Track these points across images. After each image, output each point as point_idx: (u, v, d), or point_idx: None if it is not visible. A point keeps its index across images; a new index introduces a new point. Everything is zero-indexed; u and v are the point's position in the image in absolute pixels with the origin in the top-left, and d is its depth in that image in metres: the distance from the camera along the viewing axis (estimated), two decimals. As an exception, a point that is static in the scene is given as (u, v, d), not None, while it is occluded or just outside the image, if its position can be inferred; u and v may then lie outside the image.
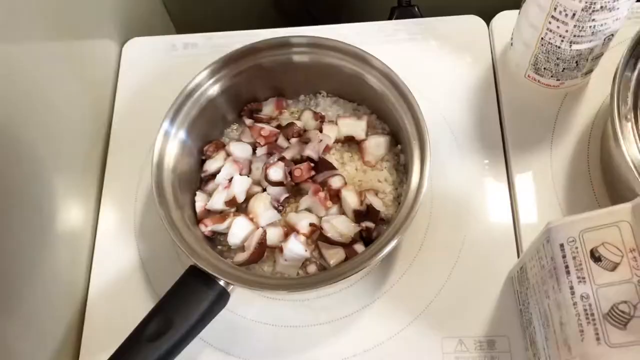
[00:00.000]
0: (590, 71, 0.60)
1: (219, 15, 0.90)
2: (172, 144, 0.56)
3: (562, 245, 0.42)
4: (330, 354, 0.55)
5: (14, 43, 0.52)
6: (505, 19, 0.68)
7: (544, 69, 0.59)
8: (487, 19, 0.70)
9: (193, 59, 0.70)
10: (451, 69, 0.67)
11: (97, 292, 0.60)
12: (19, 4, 0.53)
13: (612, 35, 0.54)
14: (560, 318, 0.42)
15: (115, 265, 0.61)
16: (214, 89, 0.59)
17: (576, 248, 0.41)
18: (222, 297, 0.51)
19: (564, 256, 0.41)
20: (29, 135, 0.54)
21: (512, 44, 0.63)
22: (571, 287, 0.40)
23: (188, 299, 0.50)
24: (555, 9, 0.52)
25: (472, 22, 0.70)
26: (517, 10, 0.60)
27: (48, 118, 0.57)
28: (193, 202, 0.59)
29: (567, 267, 0.41)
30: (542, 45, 0.56)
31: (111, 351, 0.48)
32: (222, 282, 0.50)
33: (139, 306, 0.54)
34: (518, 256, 0.58)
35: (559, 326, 0.42)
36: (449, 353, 0.54)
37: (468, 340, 0.54)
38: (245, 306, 0.58)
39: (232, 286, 0.51)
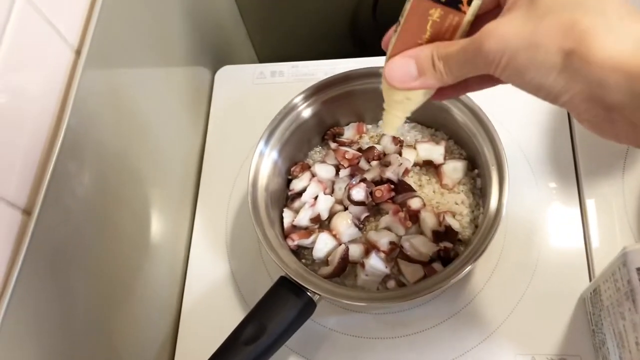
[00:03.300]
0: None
1: (298, 46, 0.96)
2: (265, 164, 0.61)
3: (638, 269, 0.44)
4: (406, 366, 0.59)
5: (127, 68, 0.59)
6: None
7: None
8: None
9: (279, 86, 0.75)
10: (525, 96, 0.70)
11: (190, 303, 0.66)
12: (132, 36, 0.59)
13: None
14: (637, 339, 0.44)
15: (207, 278, 0.66)
16: (305, 114, 0.64)
17: (653, 272, 0.43)
18: (310, 307, 0.55)
19: (640, 279, 0.44)
20: (138, 154, 0.60)
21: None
22: (648, 309, 0.43)
23: (279, 308, 0.54)
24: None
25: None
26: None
27: (150, 138, 0.63)
28: (280, 218, 0.63)
29: (644, 289, 0.43)
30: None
31: (204, 356, 0.52)
32: (309, 293, 0.55)
33: (230, 316, 0.59)
34: (590, 278, 0.60)
35: (634, 346, 0.44)
36: (522, 370, 0.57)
37: (540, 358, 0.57)
38: (325, 316, 0.62)
39: (318, 296, 0.55)
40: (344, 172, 0.64)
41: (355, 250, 0.60)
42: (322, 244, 0.60)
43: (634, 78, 0.29)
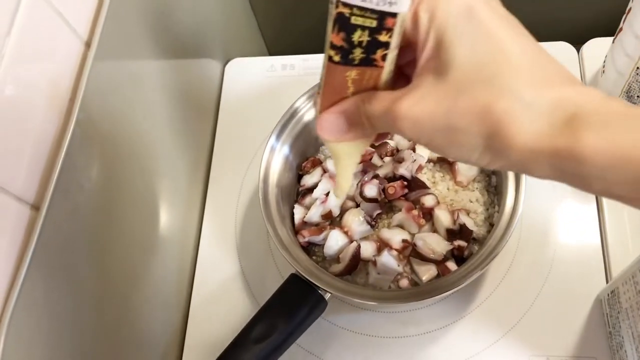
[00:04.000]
0: (684, 100, 0.60)
1: (308, 39, 0.94)
2: (276, 159, 0.60)
3: (661, 272, 0.43)
4: (417, 366, 0.58)
5: (137, 60, 0.58)
6: (596, 47, 0.69)
7: (638, 97, 0.60)
8: (576, 45, 0.71)
9: (290, 79, 0.74)
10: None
11: (199, 299, 0.65)
12: (142, 28, 0.58)
13: None
14: (657, 343, 0.43)
15: (216, 274, 0.65)
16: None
17: (676, 275, 0.42)
18: (320, 305, 0.54)
19: (663, 282, 0.43)
20: (146, 148, 0.59)
21: (603, 71, 0.64)
22: (670, 313, 0.42)
23: (290, 306, 0.53)
24: (653, 40, 0.53)
25: (562, 49, 0.71)
26: (609, 38, 0.61)
27: (158, 131, 0.62)
28: (291, 214, 0.62)
29: (666, 293, 0.42)
30: (638, 74, 0.57)
31: (212, 354, 0.52)
32: (320, 291, 0.54)
33: (239, 313, 0.58)
34: (606, 278, 0.59)
35: (655, 350, 0.43)
36: (536, 371, 0.56)
37: (555, 359, 0.56)
38: (336, 314, 0.61)
39: (329, 295, 0.54)
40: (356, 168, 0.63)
41: (367, 248, 0.59)
42: (334, 241, 0.59)
43: (552, 156, 0.28)
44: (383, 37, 0.31)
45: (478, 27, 0.30)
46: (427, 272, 0.56)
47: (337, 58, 0.32)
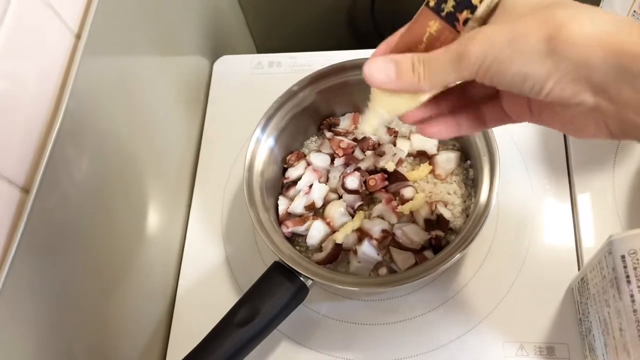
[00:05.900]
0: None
1: (296, 38, 0.96)
2: (261, 150, 0.62)
3: (623, 257, 0.45)
4: (395, 352, 0.59)
5: (126, 55, 0.59)
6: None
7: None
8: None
9: (277, 76, 0.76)
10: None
11: (185, 286, 0.67)
12: (132, 23, 0.60)
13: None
14: (620, 325, 0.45)
15: (202, 263, 0.67)
16: (301, 103, 0.64)
17: (637, 259, 0.44)
18: (302, 291, 0.56)
19: (625, 267, 0.45)
20: (135, 141, 0.61)
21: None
22: (632, 296, 0.44)
23: (272, 291, 0.55)
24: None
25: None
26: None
27: (148, 125, 0.64)
28: (276, 206, 0.64)
29: (627, 277, 0.44)
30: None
31: (197, 340, 0.53)
32: (302, 278, 0.55)
33: (224, 300, 0.60)
34: (579, 270, 0.61)
35: (618, 332, 0.45)
36: (510, 357, 0.57)
37: (528, 346, 0.58)
38: (319, 302, 0.63)
39: (310, 282, 0.56)
40: (338, 161, 0.65)
41: (349, 238, 0.61)
42: (316, 232, 0.61)
43: (618, 53, 0.30)
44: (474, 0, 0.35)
45: None
46: (405, 261, 0.58)
47: (432, 3, 0.37)
